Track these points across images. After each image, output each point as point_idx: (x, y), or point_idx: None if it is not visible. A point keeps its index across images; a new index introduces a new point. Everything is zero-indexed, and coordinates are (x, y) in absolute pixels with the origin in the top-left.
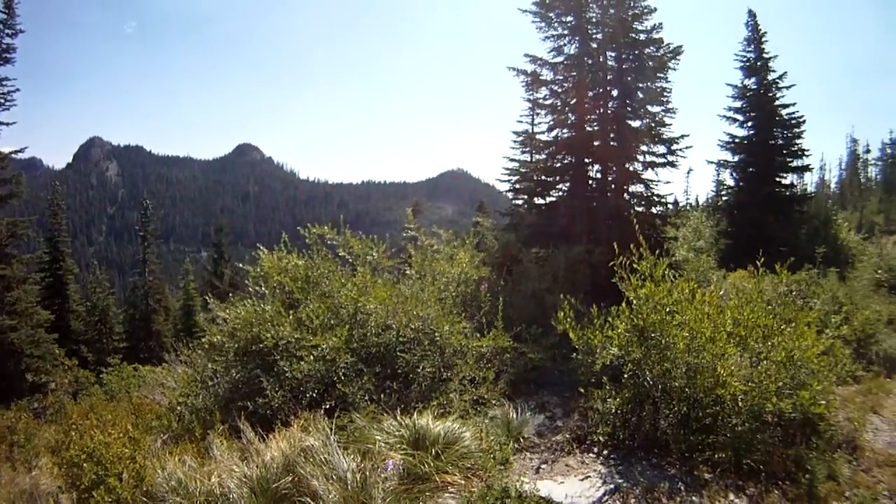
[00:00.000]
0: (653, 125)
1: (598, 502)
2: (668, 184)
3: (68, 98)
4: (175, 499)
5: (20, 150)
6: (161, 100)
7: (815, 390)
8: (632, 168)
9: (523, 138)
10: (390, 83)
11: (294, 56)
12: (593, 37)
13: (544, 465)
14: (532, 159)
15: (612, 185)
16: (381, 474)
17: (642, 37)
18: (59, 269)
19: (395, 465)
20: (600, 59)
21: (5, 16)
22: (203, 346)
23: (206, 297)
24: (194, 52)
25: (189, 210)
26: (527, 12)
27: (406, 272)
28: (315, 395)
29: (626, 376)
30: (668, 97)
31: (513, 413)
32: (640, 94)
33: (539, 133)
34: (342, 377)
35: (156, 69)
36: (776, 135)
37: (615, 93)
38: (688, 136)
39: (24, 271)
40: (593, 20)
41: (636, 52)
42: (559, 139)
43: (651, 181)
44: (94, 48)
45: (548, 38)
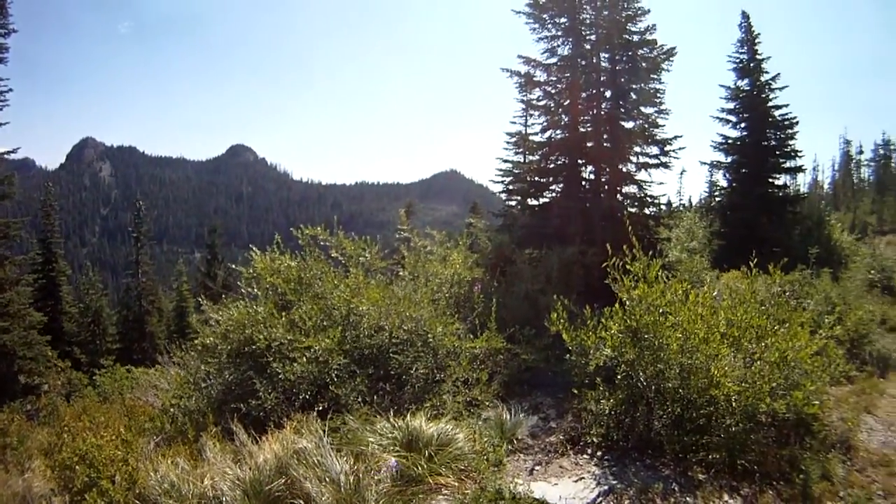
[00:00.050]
0: (646, 126)
1: None
2: (662, 185)
3: (61, 98)
4: (168, 501)
5: (13, 151)
6: (154, 100)
7: (808, 391)
8: (625, 169)
9: (517, 139)
10: (384, 84)
11: (288, 57)
12: (587, 38)
13: (538, 467)
14: (525, 160)
15: (606, 186)
16: (383, 473)
17: (636, 38)
18: (51, 270)
19: (397, 465)
20: (594, 60)
21: None
22: (196, 348)
23: (199, 299)
24: (188, 52)
25: (182, 211)
26: (520, 13)
27: (399, 273)
28: (308, 396)
29: (619, 377)
30: (662, 98)
31: (506, 414)
32: (633, 96)
33: (532, 134)
34: (335, 379)
35: (149, 70)
36: (769, 136)
37: (608, 94)
38: (681, 137)
39: (17, 273)
40: (587, 21)
41: (630, 53)
42: (552, 140)
43: (644, 182)
44: (88, 48)
45: (541, 39)
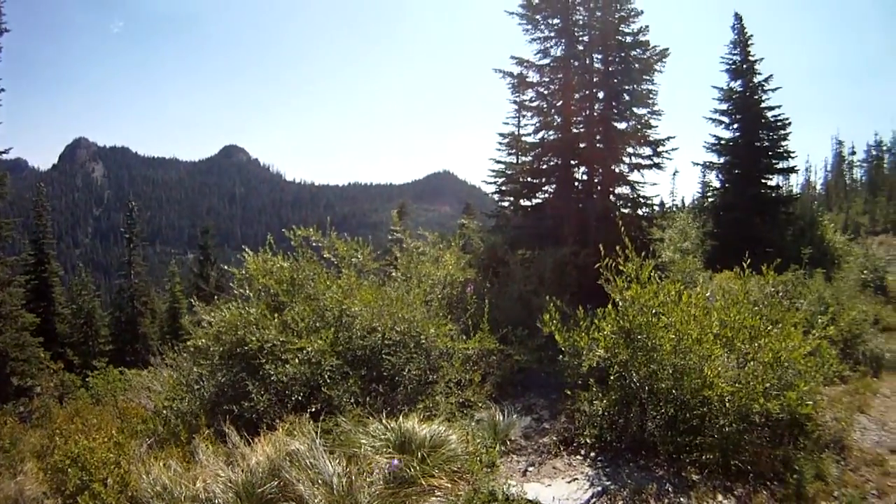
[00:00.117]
0: (639, 127)
1: None
2: (655, 185)
3: (54, 98)
4: None
5: (5, 151)
6: (147, 100)
7: (802, 391)
8: (618, 170)
9: (509, 140)
10: (378, 85)
11: (281, 58)
12: (580, 39)
13: (531, 468)
14: (518, 161)
15: (599, 187)
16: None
17: (629, 39)
18: (44, 271)
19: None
20: (587, 61)
21: None
22: (188, 350)
23: (192, 300)
24: (181, 52)
25: (175, 212)
26: (513, 14)
27: (392, 274)
28: (300, 398)
29: (612, 378)
30: (655, 99)
31: (499, 415)
32: (626, 97)
33: (525, 135)
34: (327, 380)
35: (142, 70)
36: (762, 137)
37: (601, 95)
38: (674, 137)
39: (9, 274)
40: (580, 22)
41: (622, 54)
42: (545, 141)
43: (637, 183)
44: (81, 48)
45: (534, 40)
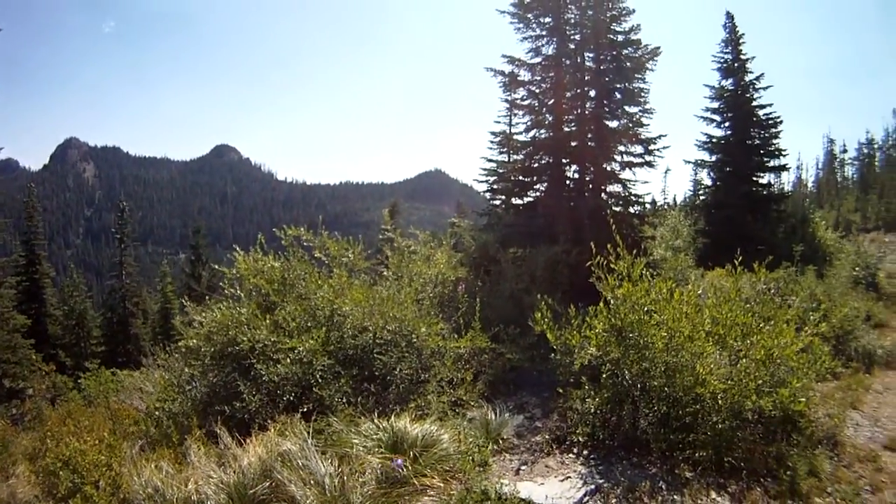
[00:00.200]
0: (630, 125)
1: (580, 503)
2: (646, 183)
3: (45, 98)
4: None
5: None
6: (138, 100)
7: (794, 387)
8: (609, 168)
9: (501, 139)
10: (369, 85)
11: (272, 57)
12: (571, 38)
13: (524, 467)
14: (510, 160)
15: (590, 185)
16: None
17: (620, 38)
18: (35, 272)
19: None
20: (578, 59)
21: None
22: (180, 350)
23: (183, 300)
24: (172, 52)
25: (167, 212)
26: (505, 13)
27: (383, 273)
28: (292, 398)
29: (604, 376)
30: (646, 98)
31: (491, 414)
32: (617, 95)
33: (517, 133)
34: (319, 380)
35: (133, 69)
36: (753, 135)
37: (593, 93)
38: (665, 136)
39: (0, 275)
40: (571, 21)
41: (614, 52)
42: (537, 139)
43: (629, 181)
44: (72, 48)
45: (526, 38)
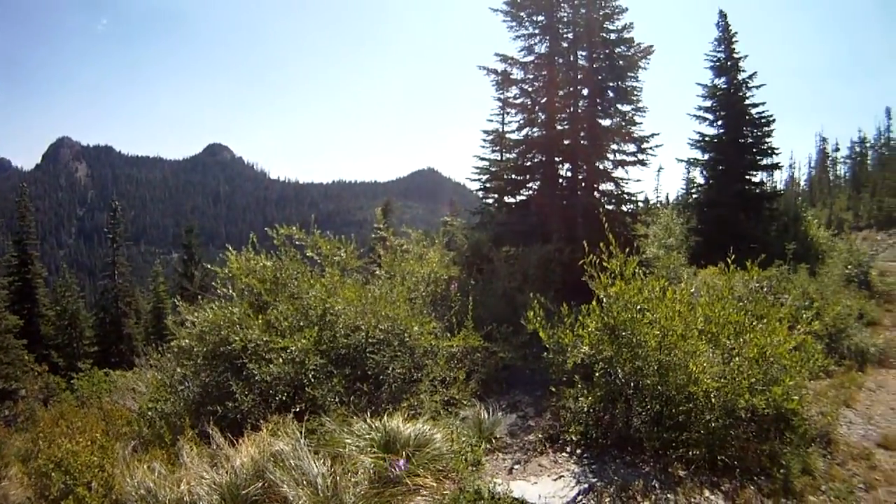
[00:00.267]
0: (623, 124)
1: (573, 502)
2: (639, 182)
3: (37, 98)
4: None
5: None
6: (131, 99)
7: (787, 386)
8: (602, 166)
9: (493, 137)
10: (363, 84)
11: (266, 56)
12: (564, 36)
13: (517, 466)
14: (502, 158)
15: (583, 184)
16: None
17: (613, 36)
18: (27, 272)
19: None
20: (571, 58)
21: None
22: (172, 350)
23: (176, 300)
24: (166, 51)
25: (159, 211)
26: (497, 11)
27: (375, 272)
28: (284, 398)
29: (597, 375)
30: (639, 96)
31: (484, 413)
32: (610, 93)
33: (509, 132)
34: (312, 379)
35: (126, 68)
36: (746, 133)
37: (586, 92)
38: (658, 134)
39: None
40: (564, 19)
41: (607, 51)
42: (529, 138)
43: (621, 179)
44: (65, 47)
45: (518, 37)
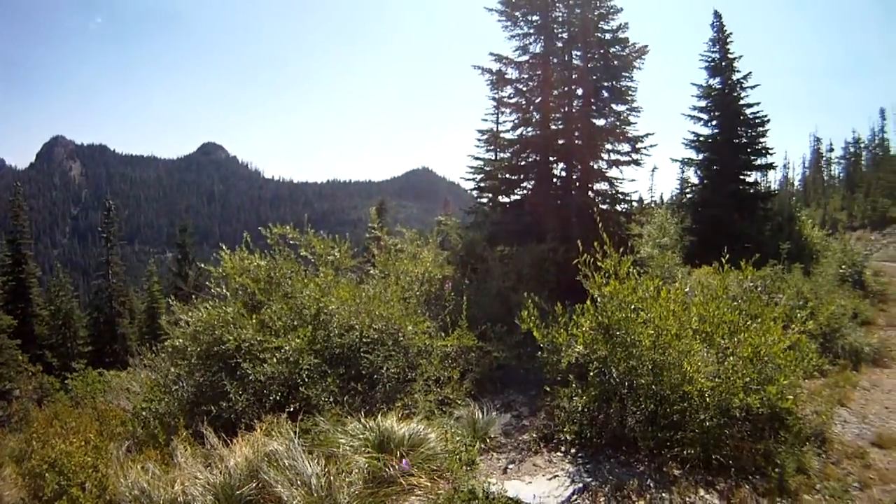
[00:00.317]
0: (618, 124)
1: (567, 502)
2: (633, 181)
3: (32, 96)
4: None
5: None
6: (125, 98)
7: (782, 385)
8: (596, 166)
9: (488, 137)
10: (356, 83)
11: (260, 55)
12: (559, 36)
13: (511, 465)
14: (497, 158)
15: (577, 183)
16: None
17: (608, 36)
18: (21, 272)
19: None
20: (566, 58)
21: None
22: (166, 350)
23: (170, 300)
24: (160, 49)
25: (153, 210)
26: (493, 11)
27: (370, 272)
28: (278, 397)
29: (592, 374)
30: (633, 96)
31: (478, 413)
32: (605, 93)
33: (504, 131)
34: (306, 379)
35: (121, 67)
36: (740, 133)
37: (580, 91)
38: (652, 134)
39: None
40: (559, 19)
41: (602, 51)
42: (524, 137)
43: (616, 179)
44: (59, 45)
45: (513, 36)
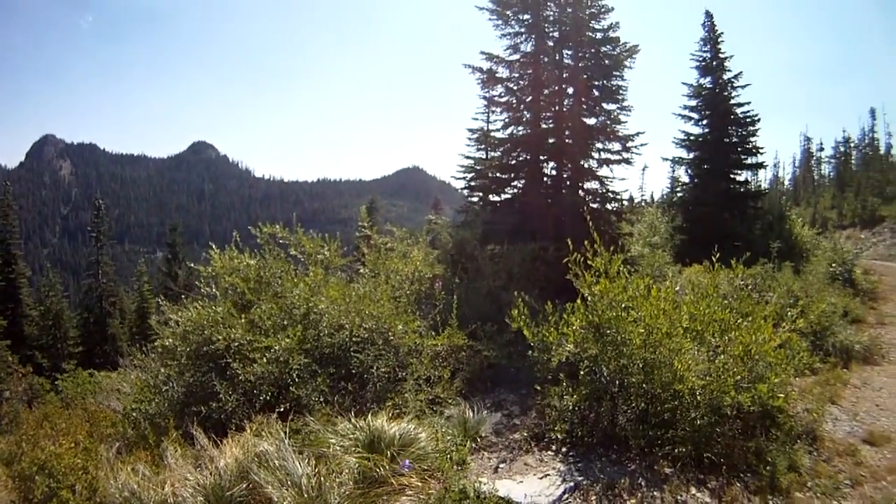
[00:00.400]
0: (608, 123)
1: (559, 501)
2: (624, 180)
3: (21, 95)
4: None
5: None
6: (116, 96)
7: (773, 383)
8: (587, 165)
9: (479, 136)
10: (347, 82)
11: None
12: (550, 35)
13: (503, 465)
14: (487, 157)
15: (568, 182)
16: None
17: (599, 35)
18: (11, 272)
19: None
20: (556, 57)
21: None
22: (156, 350)
23: (159, 299)
24: (151, 48)
25: (143, 209)
26: (484, 10)
27: (360, 271)
28: (268, 397)
29: (582, 373)
30: (624, 95)
31: (469, 412)
32: (596, 92)
33: (495, 130)
34: (296, 379)
35: (111, 65)
36: (731, 133)
37: (571, 90)
38: (643, 133)
39: None
40: (550, 18)
41: (592, 50)
42: (514, 136)
43: (606, 178)
44: (49, 43)
45: (504, 35)
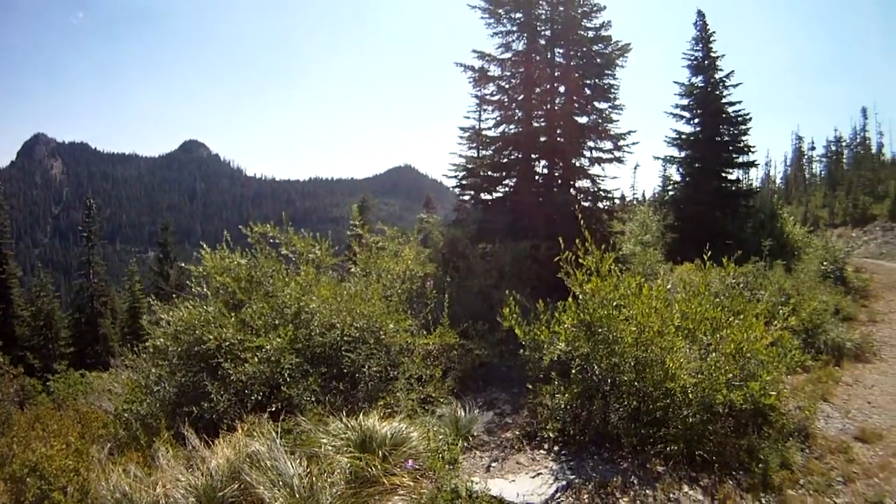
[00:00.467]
0: (600, 121)
1: (551, 499)
2: (615, 179)
3: (12, 93)
4: None
5: None
6: (107, 95)
7: (764, 381)
8: (579, 163)
9: (470, 134)
10: (339, 81)
11: (242, 53)
12: (542, 33)
13: (495, 464)
14: (479, 155)
15: (560, 181)
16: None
17: (591, 34)
18: (1, 272)
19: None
20: (548, 55)
21: None
22: (148, 350)
23: (150, 299)
24: (142, 46)
25: (135, 209)
26: (476, 8)
27: (351, 270)
28: (260, 397)
29: (574, 371)
30: (616, 94)
31: (461, 411)
32: (587, 91)
33: (486, 129)
34: (287, 379)
35: (103, 64)
36: (722, 131)
37: (563, 89)
38: (635, 132)
39: None
40: (542, 17)
41: (584, 49)
42: (506, 135)
43: (598, 176)
44: (40, 40)
45: (496, 34)
